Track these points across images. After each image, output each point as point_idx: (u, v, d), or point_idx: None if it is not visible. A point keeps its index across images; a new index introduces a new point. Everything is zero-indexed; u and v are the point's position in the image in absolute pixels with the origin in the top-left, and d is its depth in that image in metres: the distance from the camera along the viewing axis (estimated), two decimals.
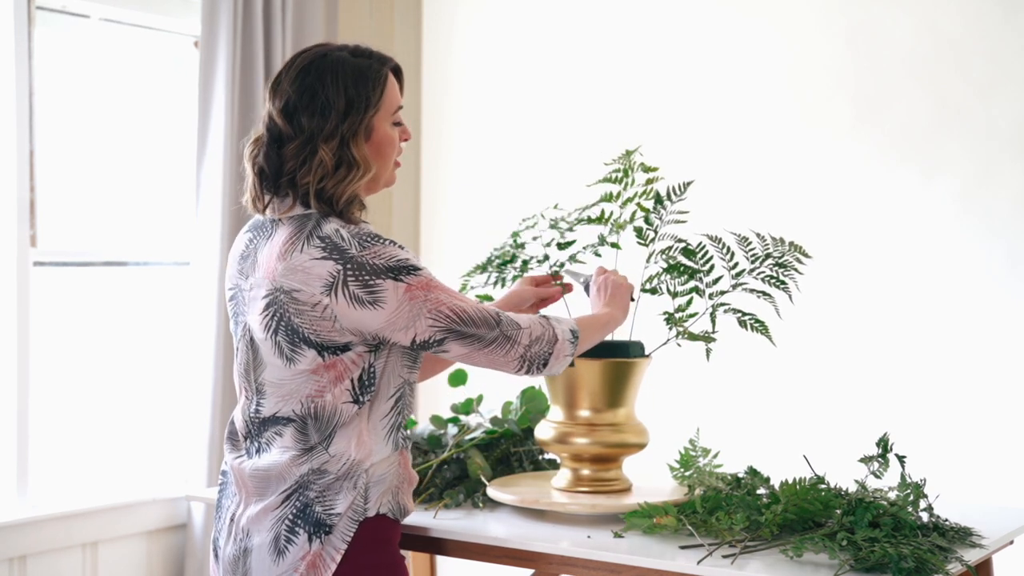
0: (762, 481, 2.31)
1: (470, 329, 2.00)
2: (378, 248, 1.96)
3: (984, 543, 2.14)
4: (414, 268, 1.98)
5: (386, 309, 1.95)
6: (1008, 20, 3.41)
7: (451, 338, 2.00)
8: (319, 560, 1.99)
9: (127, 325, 3.82)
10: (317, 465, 2.01)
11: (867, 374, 3.60)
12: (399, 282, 1.95)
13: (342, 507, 2.00)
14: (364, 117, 2.01)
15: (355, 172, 2.00)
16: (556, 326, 2.10)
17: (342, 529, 2.00)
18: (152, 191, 3.88)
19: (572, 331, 2.12)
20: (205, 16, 3.69)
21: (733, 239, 2.36)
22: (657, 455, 2.62)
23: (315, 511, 2.00)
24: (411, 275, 1.97)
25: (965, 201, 3.48)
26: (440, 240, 4.45)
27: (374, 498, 2.03)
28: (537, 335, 2.06)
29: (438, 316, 1.98)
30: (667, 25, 3.99)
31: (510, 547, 2.18)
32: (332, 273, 1.94)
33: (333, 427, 2.01)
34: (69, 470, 3.65)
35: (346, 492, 2.01)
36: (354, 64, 2.03)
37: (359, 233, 1.98)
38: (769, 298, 2.32)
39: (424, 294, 1.97)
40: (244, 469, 2.06)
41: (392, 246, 1.98)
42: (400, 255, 1.97)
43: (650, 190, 2.41)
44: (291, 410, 2.01)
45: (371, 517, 2.03)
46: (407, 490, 2.11)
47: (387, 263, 1.96)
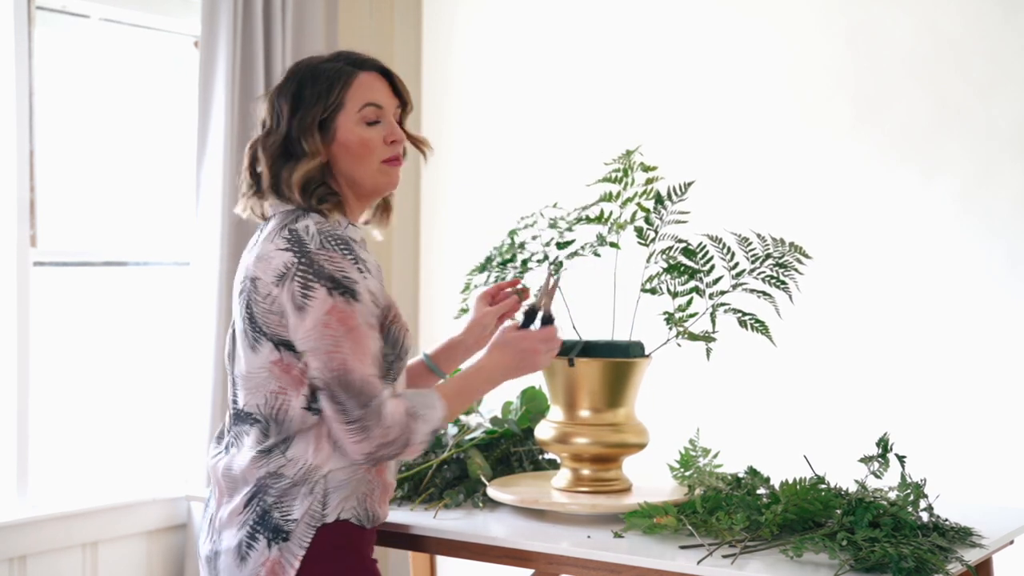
0: (762, 481, 2.31)
1: (342, 396, 1.96)
2: (335, 254, 1.97)
3: (984, 543, 2.14)
4: (352, 294, 1.96)
5: (306, 322, 1.95)
6: (1008, 20, 3.41)
7: (326, 394, 1.98)
8: (278, 567, 1.98)
9: (127, 325, 3.81)
10: (274, 468, 2.01)
11: (867, 374, 3.60)
12: (331, 297, 1.95)
13: (298, 513, 1.99)
14: (312, 114, 2.05)
15: (302, 160, 2.04)
16: (417, 428, 2.01)
17: (299, 535, 1.99)
18: (152, 191, 3.88)
19: (433, 431, 2.04)
20: (205, 16, 3.69)
21: (733, 239, 2.36)
22: (657, 455, 2.62)
23: (273, 517, 2.00)
24: (344, 298, 1.95)
25: (965, 201, 3.48)
26: (440, 240, 4.45)
27: (334, 504, 2.01)
28: (392, 438, 1.98)
29: (329, 363, 1.95)
30: (667, 25, 3.99)
31: (510, 547, 2.18)
32: (287, 264, 1.98)
33: (292, 431, 2.01)
34: (69, 470, 3.65)
35: (303, 498, 2.00)
36: (318, 67, 2.09)
37: (328, 232, 1.99)
38: (769, 298, 2.32)
39: (338, 328, 1.95)
40: (218, 468, 2.08)
41: (349, 260, 1.98)
42: (350, 273, 1.97)
43: (650, 190, 2.41)
44: (256, 405, 2.03)
45: (330, 523, 2.01)
46: (380, 497, 2.08)
47: (333, 272, 1.96)
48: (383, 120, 2.10)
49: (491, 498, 2.41)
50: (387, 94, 2.12)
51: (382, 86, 2.12)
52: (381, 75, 2.12)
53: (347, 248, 1.99)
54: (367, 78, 2.10)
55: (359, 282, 1.97)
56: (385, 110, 2.11)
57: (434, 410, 2.04)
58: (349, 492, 2.03)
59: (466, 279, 2.56)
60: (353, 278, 1.97)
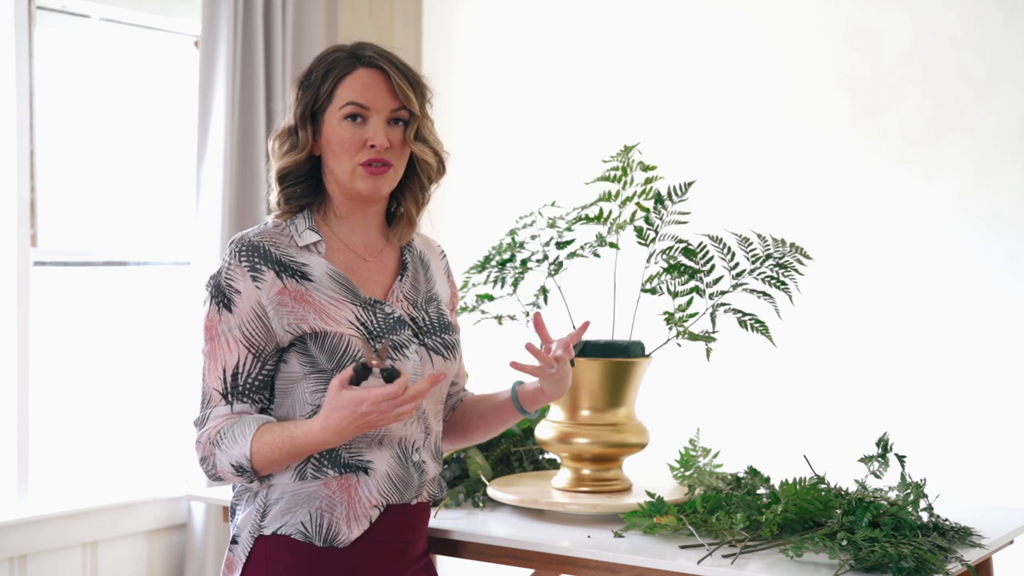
0: (762, 481, 2.31)
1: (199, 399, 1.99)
2: (231, 261, 1.95)
3: (984, 543, 2.14)
4: (227, 304, 1.93)
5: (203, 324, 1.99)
6: (1008, 20, 3.41)
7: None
8: (231, 566, 2.00)
9: (127, 325, 3.82)
10: None
11: (867, 374, 3.60)
12: (206, 304, 1.96)
13: (241, 519, 1.99)
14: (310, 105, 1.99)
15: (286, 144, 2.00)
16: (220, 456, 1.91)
17: (243, 541, 1.98)
18: (152, 191, 3.88)
19: (235, 465, 1.90)
20: (205, 16, 3.69)
21: (734, 239, 2.36)
22: (657, 455, 2.62)
23: (235, 517, 2.02)
24: (218, 307, 1.94)
25: (965, 201, 3.48)
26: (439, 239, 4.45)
27: (273, 515, 1.94)
28: (201, 456, 1.95)
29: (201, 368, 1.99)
30: (666, 25, 3.99)
31: (510, 547, 2.18)
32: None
33: None
34: (69, 470, 3.65)
35: (246, 504, 1.99)
36: (328, 56, 2.01)
37: (241, 240, 1.97)
38: (769, 298, 2.32)
39: (205, 336, 1.96)
40: None
41: (243, 267, 1.93)
42: (236, 281, 1.93)
43: (649, 190, 2.41)
44: None
45: (267, 536, 1.95)
46: (345, 514, 1.94)
47: (222, 281, 1.95)
48: (368, 121, 1.96)
49: (491, 498, 2.41)
50: (384, 96, 1.98)
51: (379, 86, 1.98)
52: (384, 75, 1.99)
53: (250, 257, 1.93)
54: (364, 74, 1.97)
55: (240, 291, 1.92)
56: (372, 111, 1.96)
57: (238, 445, 1.90)
58: (293, 506, 1.94)
59: (464, 277, 2.56)
60: (236, 287, 1.92)
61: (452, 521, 2.31)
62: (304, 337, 1.93)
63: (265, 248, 1.95)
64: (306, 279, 1.95)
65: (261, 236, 1.97)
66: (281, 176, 2.01)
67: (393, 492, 1.98)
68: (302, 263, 1.96)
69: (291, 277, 1.94)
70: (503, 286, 2.51)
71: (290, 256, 1.96)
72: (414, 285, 2.09)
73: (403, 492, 2.00)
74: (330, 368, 1.92)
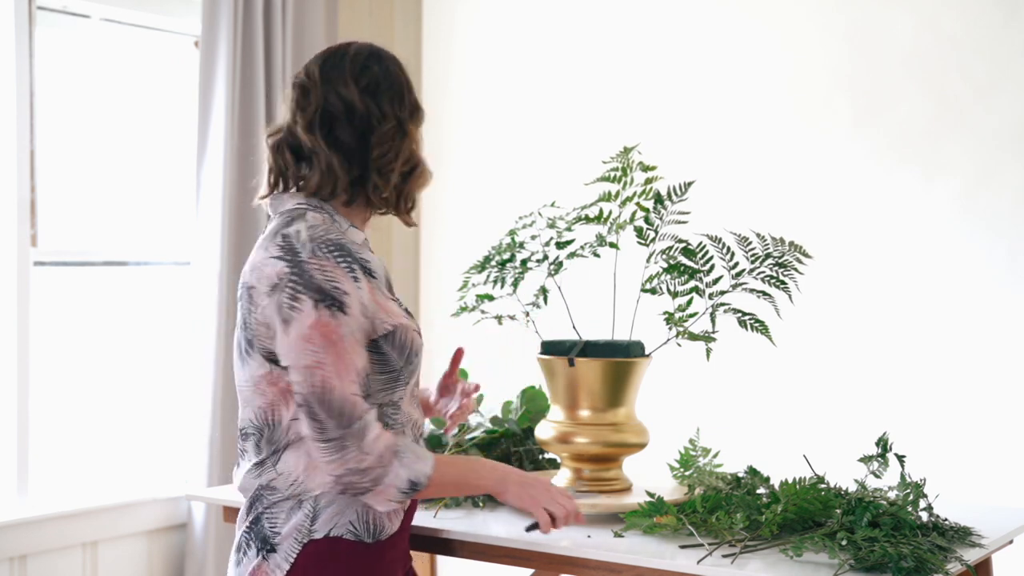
0: (762, 481, 2.31)
1: (321, 414, 1.87)
2: (327, 263, 1.88)
3: (984, 543, 2.14)
4: (340, 306, 1.86)
5: (289, 334, 1.87)
6: (1008, 20, 3.41)
7: (305, 411, 1.89)
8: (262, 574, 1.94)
9: (127, 325, 3.82)
10: (266, 481, 1.96)
11: (867, 374, 3.60)
12: (316, 310, 1.85)
13: (286, 527, 1.94)
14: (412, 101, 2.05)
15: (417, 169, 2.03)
16: (398, 470, 1.90)
17: (285, 549, 1.94)
18: (152, 191, 3.88)
19: (412, 481, 1.91)
20: (205, 16, 3.69)
21: (733, 239, 2.36)
22: (657, 455, 2.62)
23: (264, 526, 1.96)
24: (331, 310, 1.86)
25: (965, 201, 3.48)
26: (440, 239, 4.45)
27: (323, 519, 1.94)
28: (366, 467, 1.89)
29: (311, 379, 1.86)
30: (666, 25, 3.99)
31: (510, 547, 2.18)
32: (280, 275, 1.89)
33: (282, 444, 1.95)
34: (69, 470, 3.65)
35: (290, 512, 1.95)
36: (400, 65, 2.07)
37: (320, 239, 1.90)
38: (769, 298, 2.32)
39: (320, 344, 1.85)
40: (235, 481, 2.06)
41: (342, 268, 1.89)
42: (341, 282, 1.87)
43: (649, 190, 2.41)
44: (248, 419, 1.97)
45: (319, 539, 1.94)
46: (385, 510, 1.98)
47: (322, 283, 1.86)
48: None
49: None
50: None
51: None
52: None
53: (342, 254, 1.90)
54: None
55: (350, 293, 1.88)
56: None
57: (422, 462, 1.93)
58: (343, 507, 1.95)
59: (464, 277, 2.56)
60: (343, 289, 1.87)
61: (452, 521, 2.31)
62: (393, 333, 1.94)
63: (346, 246, 1.92)
64: (372, 275, 1.95)
65: (335, 233, 1.93)
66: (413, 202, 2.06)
67: None
68: (365, 259, 1.96)
69: (366, 275, 1.93)
70: (503, 286, 2.51)
71: (358, 252, 1.95)
72: None
73: None
74: (399, 366, 1.96)
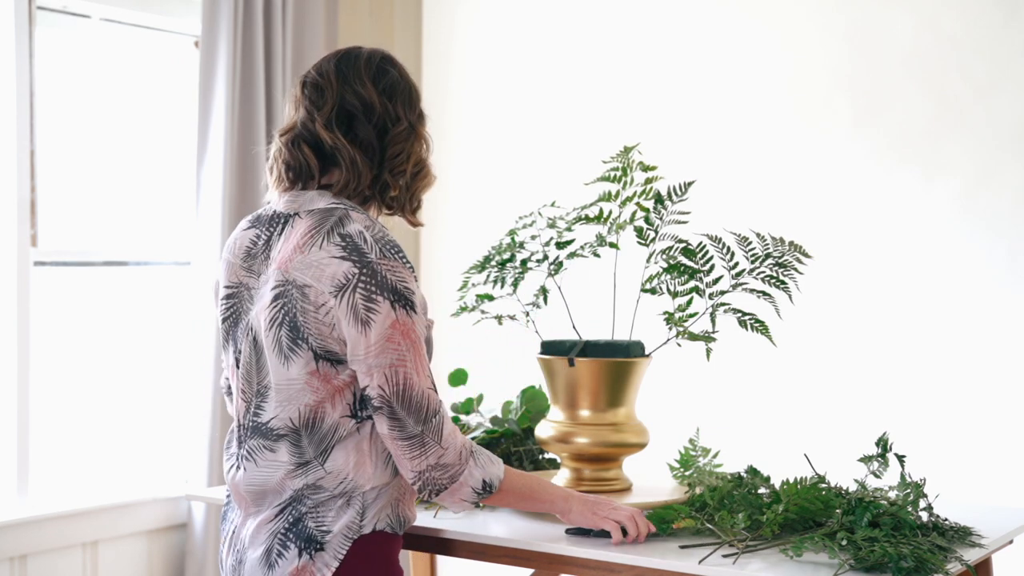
0: (763, 481, 2.31)
1: (402, 411, 1.91)
2: (396, 264, 1.91)
3: (984, 543, 2.14)
4: (412, 305, 1.91)
5: (370, 336, 1.89)
6: (1008, 20, 3.41)
7: (384, 411, 1.91)
8: (306, 573, 1.94)
9: (127, 325, 3.82)
10: (312, 480, 1.95)
11: (867, 374, 3.60)
12: (394, 310, 1.89)
13: (336, 525, 1.95)
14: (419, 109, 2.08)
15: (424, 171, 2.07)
16: (473, 469, 1.97)
17: (335, 546, 1.94)
18: (152, 191, 3.88)
19: (486, 482, 1.98)
20: (205, 16, 3.69)
21: (733, 239, 2.36)
22: (657, 455, 2.62)
23: (307, 526, 1.95)
24: (406, 310, 1.90)
25: (965, 201, 3.48)
26: (440, 238, 4.45)
27: (371, 515, 1.97)
28: (446, 462, 1.95)
29: (393, 377, 1.90)
30: (666, 25, 3.99)
31: (510, 547, 2.18)
32: (347, 275, 1.89)
33: (330, 442, 1.95)
34: (69, 470, 3.65)
35: (340, 510, 1.95)
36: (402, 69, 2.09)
37: (383, 239, 1.93)
38: (769, 298, 2.32)
39: (401, 342, 1.90)
40: (239, 484, 2.02)
41: (408, 269, 1.93)
42: (410, 283, 1.92)
43: (649, 190, 2.41)
44: (288, 417, 1.95)
45: (367, 534, 1.97)
46: (409, 500, 2.05)
47: (396, 283, 1.90)
48: None
49: None
50: None
51: None
52: None
53: (404, 255, 1.94)
54: None
55: (415, 292, 1.93)
56: None
57: (494, 466, 2.00)
58: (385, 502, 1.99)
59: (464, 277, 2.56)
60: (412, 288, 1.92)
61: (452, 521, 2.31)
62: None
63: (399, 246, 1.96)
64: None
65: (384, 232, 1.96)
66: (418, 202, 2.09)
67: None
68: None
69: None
70: (503, 286, 2.51)
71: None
72: None
73: None
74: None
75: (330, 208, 1.97)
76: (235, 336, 2.03)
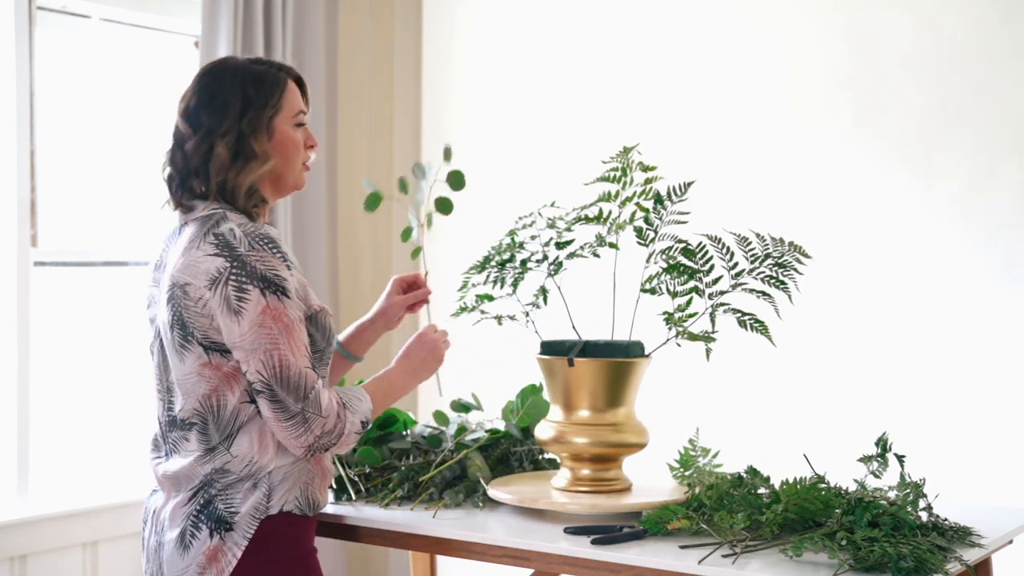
0: (762, 481, 2.31)
1: (282, 392, 2.03)
2: (265, 254, 2.03)
3: (983, 543, 2.14)
4: (283, 291, 2.03)
5: (242, 324, 2.01)
6: (1007, 21, 3.41)
7: (266, 394, 2.03)
8: (220, 554, 2.06)
9: (127, 325, 3.82)
10: (219, 465, 2.07)
11: (867, 374, 3.60)
12: (264, 297, 2.01)
13: (243, 506, 2.07)
14: (263, 115, 2.12)
15: (253, 163, 2.11)
16: (349, 418, 2.10)
17: (243, 527, 2.07)
18: (152, 191, 3.88)
19: (363, 422, 2.13)
20: (205, 16, 3.69)
21: (733, 239, 2.36)
22: (657, 455, 2.62)
23: (217, 508, 2.07)
24: (276, 296, 2.02)
25: (964, 202, 3.48)
26: (440, 239, 4.45)
27: (277, 496, 2.09)
28: (330, 428, 2.07)
29: (269, 361, 2.01)
30: (666, 25, 3.99)
31: (510, 547, 2.18)
32: (219, 269, 2.02)
33: (234, 427, 2.08)
34: (69, 470, 3.65)
35: (247, 492, 2.08)
36: (253, 69, 2.15)
37: (253, 233, 2.04)
38: (769, 298, 2.32)
39: (273, 326, 2.01)
40: (158, 471, 2.15)
41: (278, 258, 2.04)
42: (280, 270, 2.03)
43: (649, 190, 2.41)
44: (192, 409, 2.07)
45: (274, 515, 2.09)
46: (319, 484, 2.16)
47: (265, 272, 2.02)
48: (304, 125, 2.20)
49: (491, 498, 2.41)
50: (305, 102, 2.21)
51: (299, 93, 2.20)
52: (297, 84, 2.20)
53: (274, 246, 2.05)
54: (293, 85, 2.18)
55: (288, 279, 2.04)
56: (306, 116, 2.21)
57: (362, 402, 2.14)
58: (292, 483, 2.11)
59: (464, 277, 2.56)
60: (283, 275, 2.03)
61: (452, 521, 2.31)
62: (314, 315, 2.10)
63: (276, 239, 2.08)
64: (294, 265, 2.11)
65: (258, 228, 2.07)
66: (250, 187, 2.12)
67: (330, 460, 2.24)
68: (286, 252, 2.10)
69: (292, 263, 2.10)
70: (503, 286, 2.51)
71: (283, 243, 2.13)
72: None
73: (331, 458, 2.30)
74: (323, 347, 2.13)
75: (209, 214, 2.11)
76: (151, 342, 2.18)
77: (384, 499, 2.45)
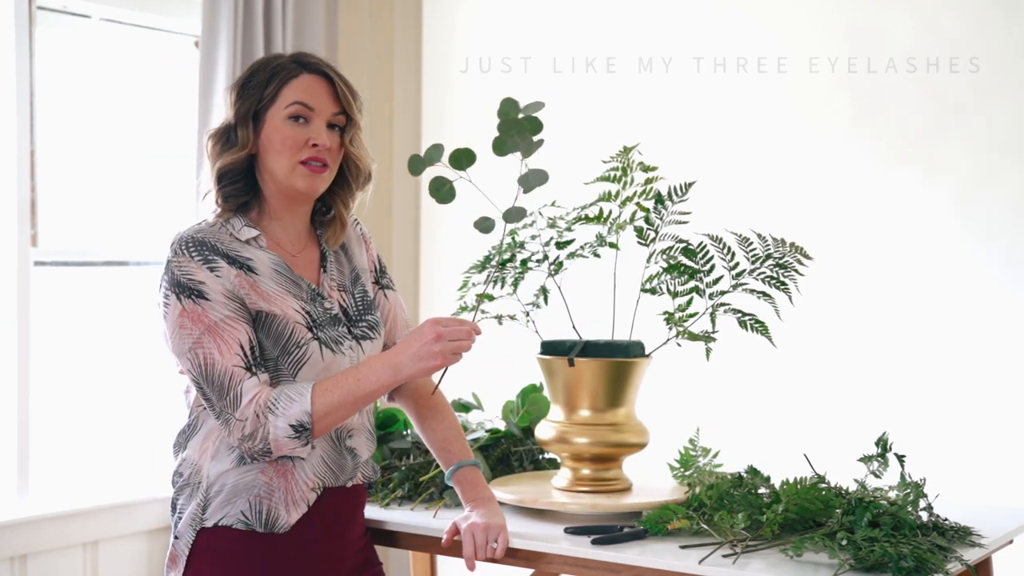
0: (763, 481, 2.31)
1: (208, 390, 2.00)
2: (183, 259, 2.00)
3: (984, 543, 2.14)
4: (199, 294, 1.98)
5: (167, 330, 2.01)
6: (1008, 20, 3.41)
7: (199, 393, 2.03)
8: (175, 558, 2.07)
9: (127, 325, 3.82)
10: (176, 465, 2.11)
11: (867, 374, 3.61)
12: (180, 302, 1.99)
13: (186, 512, 2.06)
14: (250, 103, 2.08)
15: (231, 149, 2.07)
16: (275, 421, 1.94)
17: (186, 535, 2.05)
18: (152, 191, 3.88)
19: (294, 425, 1.95)
20: (205, 16, 3.69)
21: (733, 239, 2.36)
22: (657, 455, 2.62)
23: (176, 511, 2.09)
24: (192, 299, 1.98)
25: (964, 202, 3.48)
26: (440, 238, 4.45)
27: (214, 508, 2.03)
28: (248, 432, 1.96)
29: (195, 360, 1.99)
30: (667, 25, 3.99)
31: (510, 547, 2.18)
32: (160, 279, 2.04)
33: (193, 431, 2.09)
34: (69, 470, 3.65)
35: (187, 498, 2.07)
36: (270, 62, 2.11)
37: (184, 238, 2.02)
38: (769, 299, 2.32)
39: (193, 328, 1.98)
40: None
41: (196, 263, 2.00)
42: (196, 275, 1.99)
43: (649, 190, 2.41)
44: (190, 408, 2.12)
45: (208, 528, 2.03)
46: (284, 499, 2.02)
47: (180, 277, 1.99)
48: (312, 122, 2.07)
49: None
50: (326, 99, 2.08)
51: (323, 91, 2.08)
52: (327, 81, 2.09)
53: (200, 250, 2.00)
54: (309, 80, 2.07)
55: (206, 282, 1.98)
56: (316, 113, 2.07)
57: (296, 403, 1.95)
58: (233, 496, 2.02)
59: (464, 277, 2.57)
60: (198, 279, 1.98)
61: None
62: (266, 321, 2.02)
63: (211, 242, 2.02)
64: (252, 271, 2.04)
65: (202, 232, 2.04)
66: (220, 175, 2.08)
67: (328, 475, 2.08)
68: (247, 256, 2.05)
69: (239, 268, 2.03)
70: (503, 286, 2.51)
71: (234, 250, 2.04)
72: (339, 270, 2.19)
73: (338, 475, 2.10)
74: (275, 355, 2.02)
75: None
76: None
77: (384, 499, 2.45)
